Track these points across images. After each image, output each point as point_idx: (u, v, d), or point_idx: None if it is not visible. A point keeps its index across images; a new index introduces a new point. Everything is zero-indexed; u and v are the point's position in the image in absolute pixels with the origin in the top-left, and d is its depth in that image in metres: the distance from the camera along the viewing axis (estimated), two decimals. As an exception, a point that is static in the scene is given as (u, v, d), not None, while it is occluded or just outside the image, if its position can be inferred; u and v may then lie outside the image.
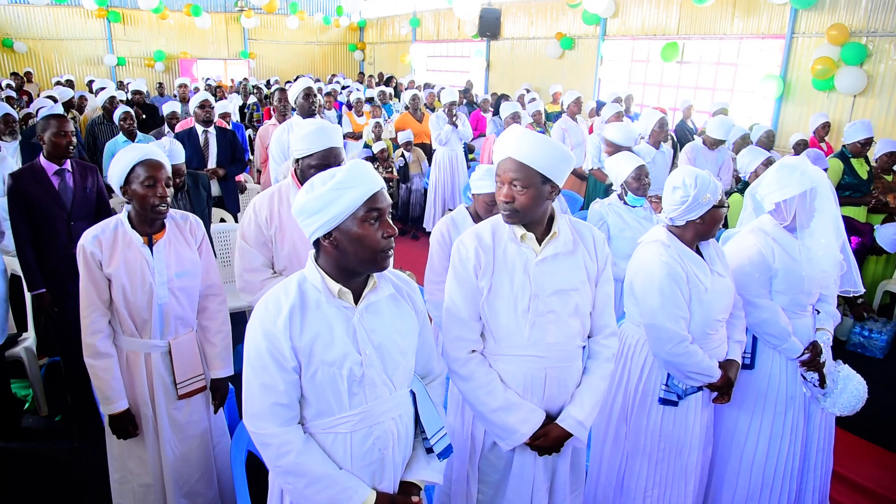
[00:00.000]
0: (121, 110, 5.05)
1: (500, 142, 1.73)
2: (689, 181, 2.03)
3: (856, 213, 4.53)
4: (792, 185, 2.17)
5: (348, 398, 1.42)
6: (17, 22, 13.98)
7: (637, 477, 2.18)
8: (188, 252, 2.17)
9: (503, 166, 1.70)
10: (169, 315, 2.14)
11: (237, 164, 4.75)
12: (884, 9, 6.32)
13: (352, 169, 1.39)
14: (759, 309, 2.25)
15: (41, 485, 2.84)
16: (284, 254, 2.23)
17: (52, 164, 3.02)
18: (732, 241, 2.39)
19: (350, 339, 1.41)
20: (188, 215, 2.25)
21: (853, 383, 2.31)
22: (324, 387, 1.40)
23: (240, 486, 1.93)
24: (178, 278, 2.13)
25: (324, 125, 2.20)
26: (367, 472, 1.47)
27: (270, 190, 2.29)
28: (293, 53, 17.44)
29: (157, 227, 2.12)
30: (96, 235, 2.06)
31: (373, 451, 1.46)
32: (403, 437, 1.53)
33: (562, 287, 1.74)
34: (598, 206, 3.24)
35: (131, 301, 2.08)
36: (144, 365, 2.15)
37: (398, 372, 1.49)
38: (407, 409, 1.53)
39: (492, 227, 1.80)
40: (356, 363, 1.41)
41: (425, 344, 1.62)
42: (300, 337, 1.38)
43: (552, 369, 1.77)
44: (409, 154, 6.59)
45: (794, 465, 2.37)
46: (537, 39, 11.43)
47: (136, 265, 2.07)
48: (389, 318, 1.48)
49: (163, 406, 2.19)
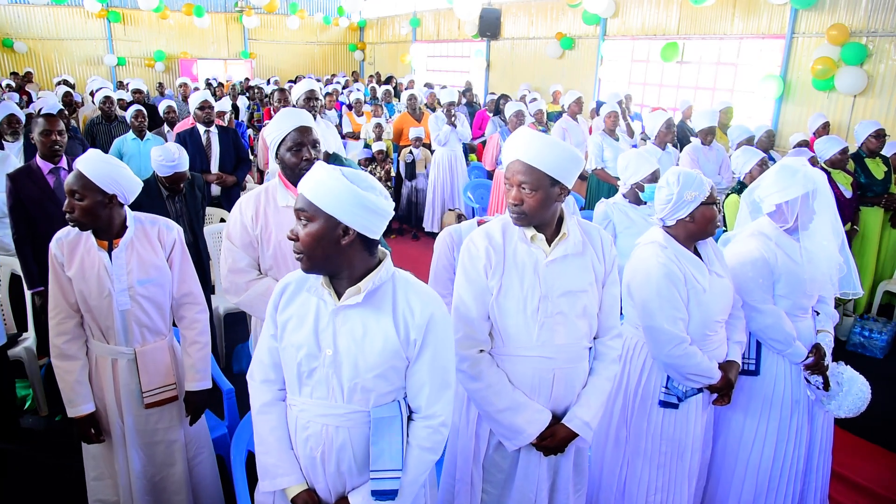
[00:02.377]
0: (133, 108, 5.02)
1: (509, 144, 1.72)
2: (672, 179, 2.04)
3: (873, 214, 4.46)
4: (794, 186, 2.15)
5: (298, 385, 1.49)
6: (17, 22, 13.96)
7: (639, 481, 2.17)
8: (153, 258, 2.10)
9: (512, 168, 1.70)
10: (132, 322, 2.08)
11: (243, 167, 4.74)
12: (884, 9, 6.31)
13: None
14: (763, 314, 2.24)
15: (41, 485, 2.84)
16: (269, 254, 2.21)
17: (46, 163, 3.02)
18: (733, 245, 2.37)
19: (315, 331, 1.45)
20: (158, 220, 2.17)
21: (857, 385, 2.31)
22: (287, 364, 1.51)
23: (240, 486, 1.93)
24: (140, 285, 2.06)
25: (291, 109, 2.21)
26: (303, 462, 1.52)
27: (257, 190, 2.27)
28: (293, 53, 17.43)
29: (116, 231, 2.06)
30: (60, 238, 2.05)
31: (305, 447, 1.51)
32: (344, 451, 1.47)
33: (571, 288, 1.74)
34: (603, 207, 3.23)
35: (92, 305, 2.05)
36: (111, 370, 2.12)
37: (354, 385, 1.44)
38: (360, 429, 1.47)
39: (502, 227, 1.79)
40: (311, 356, 1.45)
41: (417, 378, 1.48)
42: (282, 312, 1.51)
43: (560, 370, 1.77)
44: (418, 151, 6.56)
45: (799, 467, 2.37)
46: (537, 39, 11.42)
47: (94, 270, 2.02)
48: (363, 329, 1.43)
49: (130, 413, 2.15)
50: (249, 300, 2.22)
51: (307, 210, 1.38)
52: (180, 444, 2.26)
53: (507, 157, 1.71)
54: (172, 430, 2.24)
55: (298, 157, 2.12)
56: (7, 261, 3.38)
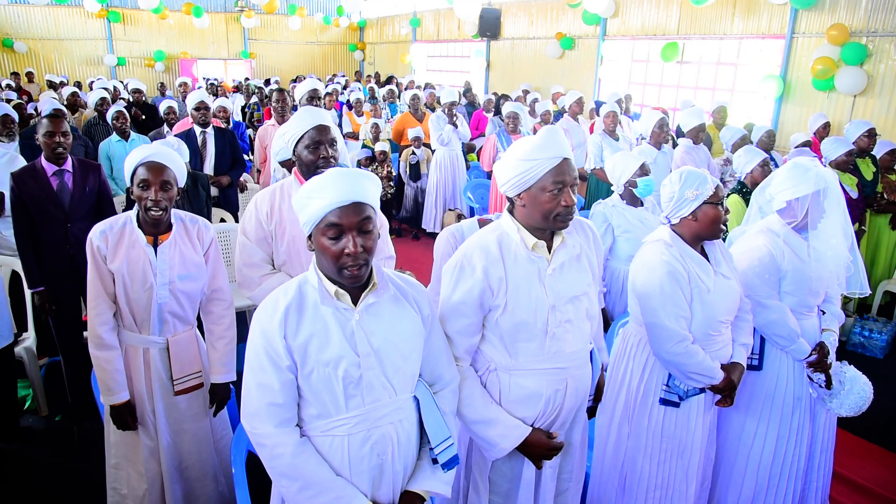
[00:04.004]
0: (113, 109, 5.01)
1: (553, 143, 1.60)
2: (675, 177, 2.05)
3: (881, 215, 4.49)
4: (806, 183, 2.16)
5: (345, 400, 1.40)
6: (17, 22, 13.97)
7: (639, 477, 2.18)
8: (193, 255, 2.19)
9: (565, 168, 1.60)
10: (167, 314, 2.17)
11: (237, 168, 4.72)
12: (884, 9, 6.32)
13: (327, 176, 1.35)
14: (767, 310, 2.25)
15: (41, 485, 2.83)
16: (283, 249, 2.23)
17: (51, 164, 3.01)
18: (740, 241, 2.38)
19: (347, 340, 1.39)
20: (198, 219, 2.27)
21: (859, 384, 2.31)
22: (319, 387, 1.39)
23: (240, 486, 1.93)
24: (180, 280, 2.16)
25: (310, 108, 2.23)
26: (365, 477, 1.44)
27: (273, 186, 2.30)
28: (293, 53, 17.44)
29: (163, 228, 2.15)
30: (104, 231, 2.10)
31: (371, 457, 1.44)
32: (404, 443, 1.49)
33: (576, 293, 1.72)
34: (601, 208, 3.23)
35: (132, 298, 2.12)
36: (143, 360, 2.19)
37: (399, 376, 1.46)
38: (409, 416, 1.50)
39: (497, 239, 1.69)
40: (353, 364, 1.39)
41: (433, 350, 1.57)
42: (295, 336, 1.37)
43: (572, 379, 1.76)
44: (420, 152, 6.55)
45: (800, 465, 2.37)
46: (537, 39, 11.43)
47: (139, 264, 2.09)
48: (390, 321, 1.45)
49: (160, 400, 2.22)
50: (263, 294, 2.25)
51: (371, 217, 1.37)
52: (207, 431, 2.35)
53: (554, 156, 1.59)
54: (199, 417, 2.32)
55: (316, 155, 2.14)
56: (7, 260, 3.38)
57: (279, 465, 1.39)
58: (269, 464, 1.42)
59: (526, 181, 1.62)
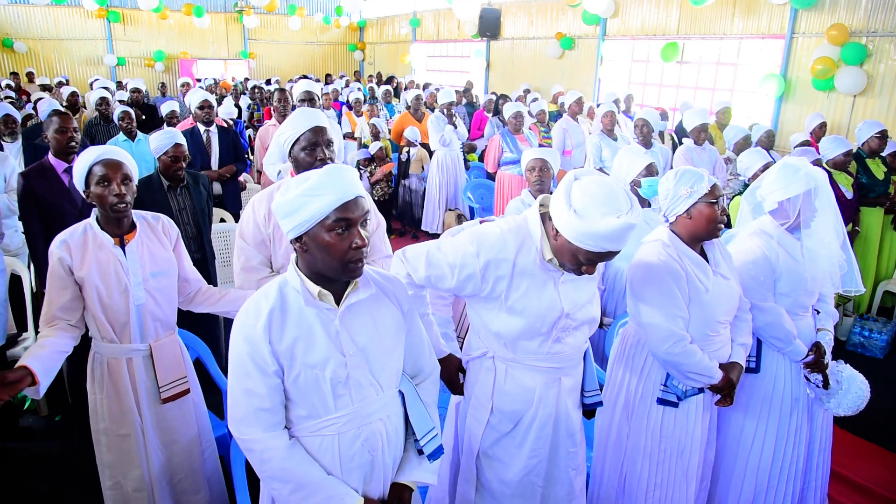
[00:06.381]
0: (119, 110, 5.03)
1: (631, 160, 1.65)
2: (671, 175, 2.06)
3: (874, 214, 4.46)
4: (797, 183, 2.16)
5: (333, 400, 1.40)
6: (17, 22, 13.96)
7: (639, 477, 2.18)
8: (162, 251, 2.17)
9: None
10: (147, 317, 2.12)
11: (239, 166, 4.75)
12: (884, 9, 6.32)
13: (325, 174, 1.34)
14: (763, 312, 2.24)
15: (40, 485, 2.83)
16: (282, 252, 2.22)
17: (60, 161, 3.02)
18: (734, 244, 2.37)
19: (332, 340, 1.39)
20: (160, 216, 2.24)
21: (856, 383, 2.31)
22: (307, 389, 1.39)
23: (240, 486, 1.93)
24: (153, 278, 2.12)
25: (306, 109, 2.22)
26: (356, 474, 1.45)
27: (270, 188, 2.29)
28: (293, 53, 17.43)
29: (127, 227, 2.10)
30: (64, 240, 2.02)
31: (362, 454, 1.45)
32: (393, 438, 1.52)
33: (583, 302, 1.75)
34: None
35: (108, 304, 2.05)
36: (126, 370, 2.13)
37: (384, 372, 1.47)
38: (396, 410, 1.52)
39: (520, 240, 1.69)
40: (340, 365, 1.39)
41: (414, 343, 1.59)
42: (280, 340, 1.36)
43: (566, 377, 1.80)
44: (413, 151, 6.57)
45: (799, 466, 2.37)
46: (537, 39, 11.42)
47: (110, 266, 2.04)
48: (373, 319, 1.46)
49: (148, 409, 2.17)
50: None
51: (369, 210, 1.40)
52: (196, 441, 2.30)
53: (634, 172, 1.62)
54: (188, 426, 2.28)
55: (312, 157, 2.13)
56: (7, 261, 3.37)
57: (270, 469, 1.39)
58: (259, 468, 1.42)
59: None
